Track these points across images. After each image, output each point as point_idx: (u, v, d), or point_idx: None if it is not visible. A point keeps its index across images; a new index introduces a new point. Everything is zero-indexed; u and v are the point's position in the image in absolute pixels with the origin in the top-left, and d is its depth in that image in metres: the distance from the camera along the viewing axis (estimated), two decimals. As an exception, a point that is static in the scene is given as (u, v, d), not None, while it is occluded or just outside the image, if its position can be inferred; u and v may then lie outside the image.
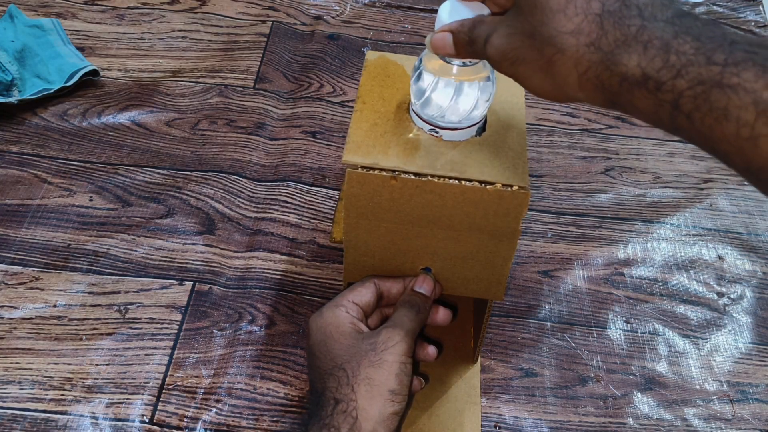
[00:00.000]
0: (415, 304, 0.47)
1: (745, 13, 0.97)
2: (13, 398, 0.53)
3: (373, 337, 0.45)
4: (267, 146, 0.74)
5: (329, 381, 0.44)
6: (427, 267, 0.48)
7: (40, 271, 0.61)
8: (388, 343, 0.44)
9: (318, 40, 0.86)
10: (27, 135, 0.73)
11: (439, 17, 0.39)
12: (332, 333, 0.45)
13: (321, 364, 0.45)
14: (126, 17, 0.87)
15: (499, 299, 0.49)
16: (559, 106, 0.81)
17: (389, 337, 0.44)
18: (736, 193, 0.73)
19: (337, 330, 0.45)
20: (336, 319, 0.46)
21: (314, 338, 0.46)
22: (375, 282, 0.48)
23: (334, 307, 0.47)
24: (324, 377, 0.44)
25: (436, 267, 0.48)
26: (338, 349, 0.45)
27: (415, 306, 0.47)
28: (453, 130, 0.43)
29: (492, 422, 0.55)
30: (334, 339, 0.45)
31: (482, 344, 0.56)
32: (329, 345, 0.45)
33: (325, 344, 0.45)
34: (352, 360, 0.44)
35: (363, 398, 0.42)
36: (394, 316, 0.46)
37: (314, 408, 0.44)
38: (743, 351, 0.61)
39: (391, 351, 0.44)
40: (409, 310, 0.47)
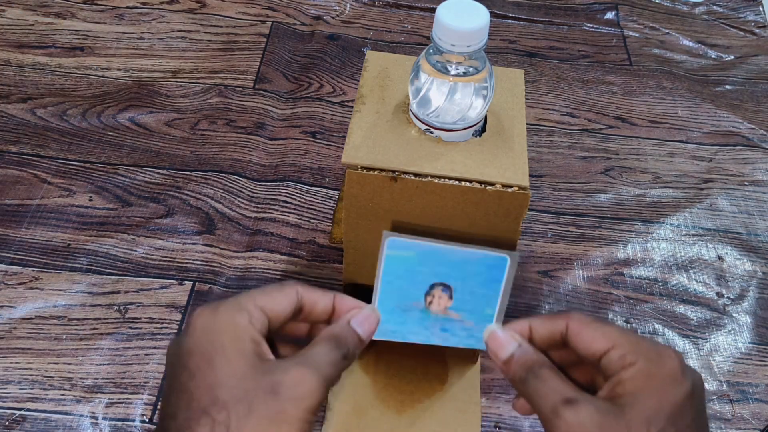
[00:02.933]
0: (345, 344, 0.35)
1: (745, 13, 0.97)
2: (12, 398, 0.53)
3: (277, 373, 0.32)
4: (267, 146, 0.74)
5: (196, 423, 0.30)
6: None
7: (40, 271, 0.61)
8: (297, 390, 0.32)
9: (318, 40, 0.86)
10: (26, 135, 0.73)
11: (437, 18, 0.39)
12: (224, 346, 0.32)
13: (194, 390, 0.31)
14: (125, 17, 0.87)
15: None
16: (559, 106, 0.81)
17: (300, 381, 0.32)
18: (736, 194, 0.73)
19: (232, 344, 0.32)
20: (234, 327, 0.33)
21: (195, 346, 0.33)
22: (298, 290, 0.37)
23: (235, 309, 0.34)
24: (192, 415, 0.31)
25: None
26: (225, 375, 0.31)
27: (344, 347, 0.35)
28: (448, 131, 0.43)
29: (492, 422, 0.55)
30: (225, 357, 0.32)
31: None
32: (215, 363, 0.32)
33: (209, 360, 0.32)
34: (242, 401, 0.31)
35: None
36: (313, 352, 0.34)
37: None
38: (743, 351, 0.61)
39: (297, 402, 0.31)
40: (334, 349, 0.35)
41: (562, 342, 0.37)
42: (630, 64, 0.88)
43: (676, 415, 0.33)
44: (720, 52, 0.90)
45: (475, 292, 0.38)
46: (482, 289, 0.38)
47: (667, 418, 0.32)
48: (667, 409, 0.33)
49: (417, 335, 0.40)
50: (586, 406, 0.33)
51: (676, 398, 0.33)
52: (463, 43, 0.40)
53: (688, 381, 0.34)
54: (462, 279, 0.38)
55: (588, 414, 0.32)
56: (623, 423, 0.32)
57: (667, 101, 0.83)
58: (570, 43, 0.90)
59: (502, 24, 0.92)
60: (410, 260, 0.38)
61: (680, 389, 0.33)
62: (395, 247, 0.38)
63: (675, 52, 0.90)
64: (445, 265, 0.38)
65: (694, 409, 0.34)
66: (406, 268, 0.38)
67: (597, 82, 0.85)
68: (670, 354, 0.34)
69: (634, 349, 0.34)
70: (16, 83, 0.78)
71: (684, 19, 0.95)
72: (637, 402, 0.33)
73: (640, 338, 0.36)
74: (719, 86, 0.86)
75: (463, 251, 0.38)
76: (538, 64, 0.87)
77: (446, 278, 0.38)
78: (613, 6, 0.95)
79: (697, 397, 0.34)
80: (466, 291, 0.38)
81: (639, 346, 0.35)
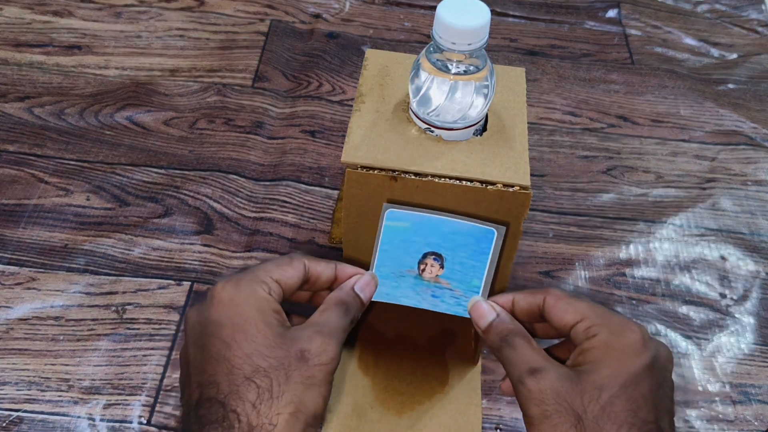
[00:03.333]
0: (352, 308, 0.39)
1: (747, 12, 0.96)
2: (9, 399, 0.53)
3: (302, 341, 0.35)
4: (266, 145, 0.73)
5: (244, 390, 0.33)
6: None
7: (37, 272, 0.61)
8: (323, 357, 0.35)
9: (317, 39, 0.86)
10: (24, 134, 0.72)
11: (438, 16, 0.39)
12: (253, 318, 0.35)
13: (232, 359, 0.34)
14: (123, 15, 0.86)
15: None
16: (560, 105, 0.81)
17: (324, 348, 0.35)
18: (739, 193, 0.73)
19: (259, 316, 0.35)
20: (257, 300, 0.36)
21: (225, 317, 0.35)
22: (305, 262, 0.40)
23: (255, 282, 0.37)
24: (236, 381, 0.34)
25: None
26: (260, 345, 0.34)
27: (351, 311, 0.39)
28: (449, 130, 0.43)
29: (493, 424, 0.54)
30: (256, 328, 0.35)
31: (483, 345, 0.55)
32: (249, 334, 0.35)
33: (242, 331, 0.35)
34: (279, 369, 0.34)
35: (285, 426, 0.33)
36: (327, 318, 0.38)
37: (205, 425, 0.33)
38: (746, 352, 0.60)
39: (324, 368, 0.35)
40: (344, 315, 0.38)
41: (540, 315, 0.40)
42: (632, 62, 0.87)
43: (630, 384, 0.35)
44: (723, 51, 0.90)
45: (464, 263, 0.41)
46: (471, 261, 0.41)
47: (620, 385, 0.35)
48: (623, 378, 0.35)
49: (409, 299, 0.43)
50: (548, 375, 0.36)
51: (632, 368, 0.35)
52: (464, 41, 0.39)
53: (648, 353, 0.36)
54: (452, 249, 0.41)
55: (548, 382, 0.35)
56: (579, 389, 0.35)
57: (669, 100, 0.83)
58: (571, 42, 0.90)
59: (503, 22, 0.92)
60: (406, 230, 0.41)
61: (638, 360, 0.35)
62: (393, 219, 0.40)
63: (677, 50, 0.90)
64: (437, 236, 0.41)
65: (652, 381, 0.35)
66: (402, 237, 0.41)
67: (599, 81, 0.84)
68: (632, 327, 0.37)
69: (600, 321, 0.37)
70: (13, 82, 0.77)
71: (686, 18, 0.95)
72: (595, 370, 0.35)
73: (608, 312, 0.38)
74: (722, 85, 0.85)
75: (454, 222, 0.41)
76: (539, 63, 0.86)
77: (438, 248, 0.41)
78: (615, 4, 0.95)
79: (657, 369, 0.36)
80: (456, 261, 0.41)
81: (604, 319, 0.37)
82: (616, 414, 0.34)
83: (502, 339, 0.39)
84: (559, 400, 0.35)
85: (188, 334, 0.37)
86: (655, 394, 0.35)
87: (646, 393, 0.35)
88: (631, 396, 0.35)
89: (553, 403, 0.35)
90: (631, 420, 0.34)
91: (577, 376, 0.36)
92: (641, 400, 0.35)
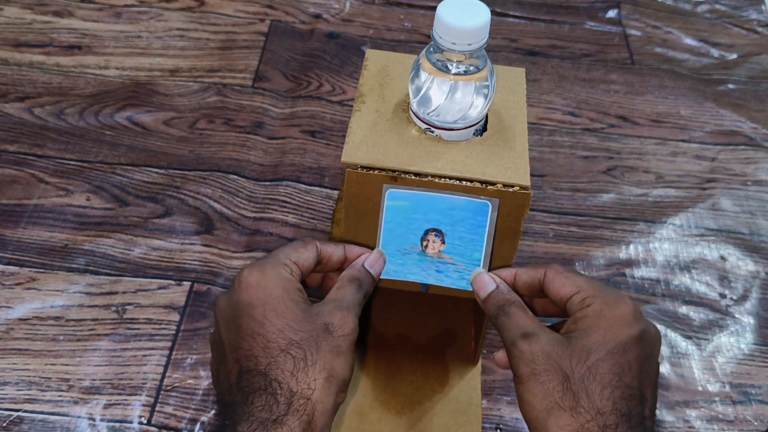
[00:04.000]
0: (364, 284, 0.42)
1: (747, 12, 0.96)
2: (10, 399, 0.53)
3: (324, 316, 0.39)
4: (266, 145, 0.73)
5: (282, 361, 0.37)
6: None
7: (37, 272, 0.61)
8: (344, 329, 0.39)
9: (317, 39, 0.86)
10: (23, 134, 0.72)
11: (438, 16, 0.39)
12: (281, 297, 0.39)
13: (267, 335, 0.38)
14: (123, 15, 0.86)
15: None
16: (561, 105, 0.81)
17: (345, 321, 0.39)
18: (739, 194, 0.73)
19: (286, 295, 0.39)
20: (282, 281, 0.39)
21: (255, 298, 0.39)
22: (317, 245, 0.43)
23: (278, 265, 0.40)
24: (273, 354, 0.37)
25: (436, 268, 0.47)
26: (290, 321, 0.38)
27: (364, 287, 0.42)
28: (449, 130, 0.43)
29: (493, 424, 0.54)
30: (285, 306, 0.38)
31: (483, 345, 0.55)
32: (279, 312, 0.38)
33: (273, 309, 0.38)
34: (310, 341, 0.37)
35: (321, 390, 0.36)
36: (343, 294, 0.41)
37: (249, 394, 0.36)
38: (746, 352, 0.60)
39: (347, 338, 0.39)
40: (358, 290, 0.41)
41: (540, 289, 0.42)
42: (632, 62, 0.87)
43: (617, 351, 0.37)
44: (723, 51, 0.90)
45: (464, 237, 0.43)
46: (470, 234, 0.43)
47: (608, 350, 0.37)
48: (610, 345, 0.37)
49: (415, 275, 0.45)
50: (539, 338, 0.38)
51: (620, 338, 0.37)
52: (464, 41, 0.39)
53: (638, 326, 0.38)
54: (451, 225, 0.43)
55: (539, 345, 0.38)
56: (568, 351, 0.37)
57: (669, 100, 0.83)
58: (572, 42, 0.90)
59: (503, 22, 0.92)
60: (406, 209, 0.42)
61: (627, 331, 0.37)
62: (394, 198, 0.42)
63: (677, 50, 0.90)
64: (436, 212, 0.42)
65: (639, 351, 0.37)
66: (403, 216, 0.43)
67: (599, 81, 0.84)
68: (626, 301, 0.39)
69: (594, 293, 0.39)
70: (13, 82, 0.77)
71: (686, 18, 0.95)
72: (585, 336, 0.38)
73: (604, 286, 0.40)
74: (722, 85, 0.85)
75: (451, 198, 0.42)
76: (539, 63, 0.86)
77: (438, 224, 0.43)
78: (615, 4, 0.95)
79: (645, 343, 0.38)
80: (456, 236, 0.43)
81: (599, 291, 0.39)
82: (601, 375, 0.36)
83: (498, 308, 0.41)
84: (548, 360, 0.37)
85: (219, 318, 0.40)
86: (641, 364, 0.37)
87: (632, 361, 0.37)
88: (617, 361, 0.37)
89: (542, 363, 0.37)
90: (615, 383, 0.36)
91: (568, 341, 0.38)
92: (626, 366, 0.37)
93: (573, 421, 0.36)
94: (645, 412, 0.37)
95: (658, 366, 0.40)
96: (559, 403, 0.36)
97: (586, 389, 0.36)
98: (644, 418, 0.36)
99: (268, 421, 0.35)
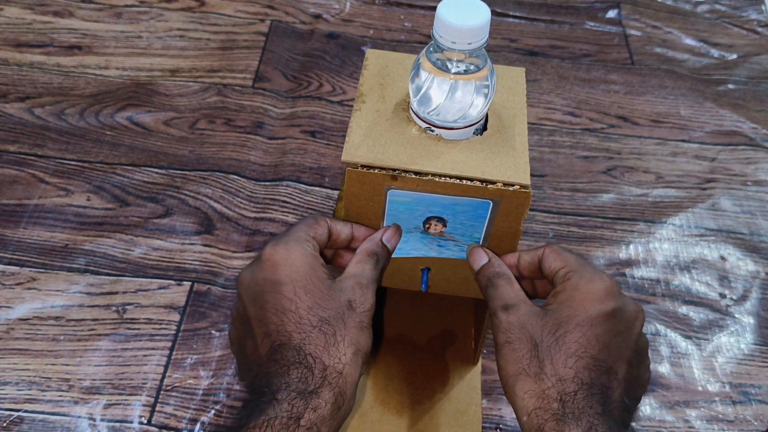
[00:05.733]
0: (381, 258, 0.43)
1: (747, 12, 0.96)
2: (10, 399, 0.53)
3: (347, 292, 0.41)
4: (266, 146, 0.73)
5: (315, 337, 0.38)
6: (427, 267, 0.47)
7: (38, 272, 0.61)
8: (365, 305, 0.40)
9: (317, 39, 0.86)
10: (24, 134, 0.72)
11: (438, 16, 0.39)
12: (308, 275, 0.40)
13: (298, 311, 0.39)
14: (123, 15, 0.86)
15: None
16: (560, 105, 0.81)
17: (365, 298, 0.41)
18: (739, 194, 0.73)
19: (312, 273, 0.40)
20: (308, 258, 0.41)
21: (283, 276, 0.40)
22: (328, 222, 0.44)
23: (300, 242, 0.41)
24: (306, 330, 0.39)
25: (436, 267, 0.47)
26: (317, 299, 0.39)
27: (381, 261, 0.43)
28: (449, 129, 0.43)
29: (493, 424, 0.54)
30: (312, 283, 0.40)
31: (483, 345, 0.55)
32: (308, 290, 0.39)
33: (303, 287, 0.39)
34: (338, 318, 0.39)
35: (350, 363, 0.39)
36: (363, 270, 0.42)
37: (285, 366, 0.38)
38: (746, 352, 0.60)
39: (368, 313, 0.40)
40: (375, 265, 0.43)
41: (539, 268, 0.44)
42: (632, 63, 0.87)
43: (585, 325, 0.39)
44: (722, 51, 0.90)
45: (465, 223, 0.44)
46: (471, 222, 0.44)
47: (576, 324, 0.39)
48: (580, 318, 0.39)
49: (418, 250, 0.46)
50: (518, 310, 0.40)
51: (590, 312, 0.39)
52: (464, 40, 0.39)
53: (610, 303, 0.39)
54: (453, 215, 0.44)
55: (516, 317, 0.40)
56: (541, 323, 0.39)
57: (669, 100, 0.83)
58: (571, 42, 0.90)
59: (503, 22, 0.92)
60: (409, 203, 0.43)
61: (598, 306, 0.39)
62: (395, 195, 0.43)
63: (677, 51, 0.90)
64: (438, 206, 0.43)
65: (610, 327, 0.39)
66: (405, 207, 0.44)
67: (599, 81, 0.84)
68: (602, 278, 0.40)
69: (575, 268, 0.41)
70: (13, 82, 0.77)
71: (686, 18, 0.95)
72: (559, 309, 0.40)
73: (587, 263, 0.42)
74: (722, 85, 0.85)
75: (453, 197, 0.42)
76: (539, 63, 0.86)
77: (440, 214, 0.44)
78: (615, 4, 0.95)
79: (619, 320, 0.39)
80: (457, 222, 0.44)
81: (581, 267, 0.41)
82: (567, 346, 0.38)
83: (488, 279, 0.43)
84: (522, 330, 0.40)
85: (244, 294, 0.41)
86: (611, 339, 0.39)
87: (601, 335, 0.39)
88: (584, 334, 0.38)
89: (516, 332, 0.40)
90: (580, 353, 0.38)
91: (544, 313, 0.40)
92: (593, 339, 0.38)
93: (536, 386, 0.38)
94: (612, 383, 0.38)
95: (638, 344, 0.41)
96: (526, 370, 0.39)
97: (552, 358, 0.38)
98: (608, 389, 0.38)
99: (305, 392, 0.37)
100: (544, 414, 0.37)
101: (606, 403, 0.37)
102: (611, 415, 0.37)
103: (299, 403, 0.36)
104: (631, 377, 0.39)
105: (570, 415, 0.36)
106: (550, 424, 0.37)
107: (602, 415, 0.36)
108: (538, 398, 0.38)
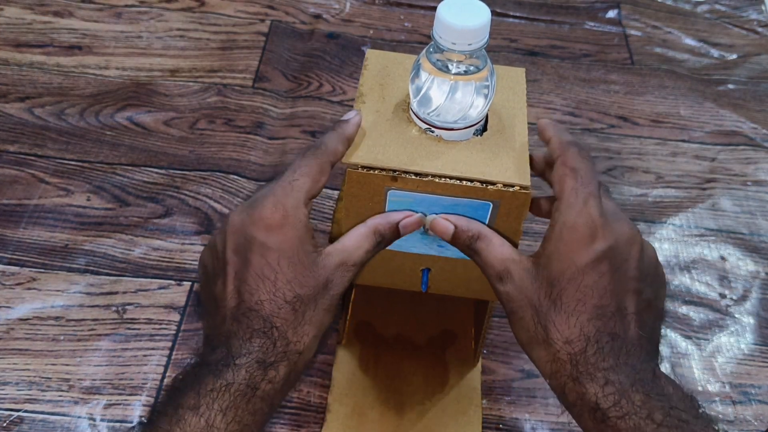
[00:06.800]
0: (385, 240, 0.42)
1: (747, 12, 0.96)
2: (10, 399, 0.53)
3: (328, 269, 0.40)
4: (266, 146, 0.73)
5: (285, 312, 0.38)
6: (427, 267, 0.47)
7: (38, 272, 0.61)
8: (340, 288, 0.40)
9: (317, 39, 0.86)
10: (24, 134, 0.72)
11: (438, 16, 0.39)
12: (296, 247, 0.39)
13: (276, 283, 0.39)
14: (123, 15, 0.86)
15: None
16: (561, 105, 0.81)
17: (343, 280, 0.40)
18: (739, 194, 0.73)
19: (300, 246, 0.39)
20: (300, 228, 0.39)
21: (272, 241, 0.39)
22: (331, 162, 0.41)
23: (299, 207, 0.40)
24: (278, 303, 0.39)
25: (436, 267, 0.47)
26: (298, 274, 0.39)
27: (383, 243, 0.42)
28: (449, 130, 0.43)
29: (493, 424, 0.54)
30: (298, 258, 0.39)
31: (483, 345, 0.55)
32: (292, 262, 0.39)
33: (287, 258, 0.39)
34: (311, 297, 0.39)
35: (310, 344, 0.39)
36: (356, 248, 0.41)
37: (249, 332, 0.38)
38: (746, 352, 0.60)
39: (339, 295, 0.40)
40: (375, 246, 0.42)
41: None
42: (632, 63, 0.87)
43: (576, 277, 0.38)
44: (722, 51, 0.90)
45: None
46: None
47: (568, 279, 0.38)
48: (570, 272, 0.38)
49: (418, 248, 0.46)
50: (512, 279, 0.40)
51: (579, 262, 0.38)
52: (464, 41, 0.39)
53: (598, 244, 0.38)
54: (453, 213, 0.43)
55: (511, 285, 0.40)
56: (536, 285, 0.39)
57: (669, 100, 0.83)
58: (571, 42, 0.90)
59: (503, 23, 0.92)
60: (410, 203, 0.43)
61: (585, 254, 0.38)
62: (395, 196, 0.42)
63: (677, 51, 0.90)
64: (438, 207, 0.43)
65: (604, 269, 0.38)
66: (405, 208, 0.43)
67: (599, 81, 0.84)
68: (587, 207, 0.38)
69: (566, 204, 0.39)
70: (13, 82, 0.77)
71: (686, 18, 0.95)
72: (548, 264, 0.39)
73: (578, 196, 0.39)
74: (722, 85, 0.85)
75: (453, 198, 0.42)
76: (539, 63, 0.86)
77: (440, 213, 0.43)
78: (615, 4, 0.95)
79: (613, 257, 0.38)
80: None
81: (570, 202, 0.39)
82: (565, 305, 0.38)
83: (467, 246, 0.42)
84: (521, 296, 0.39)
85: (229, 239, 0.40)
86: (609, 281, 0.38)
87: (596, 281, 0.38)
88: (578, 287, 0.38)
89: (517, 300, 0.40)
90: (580, 308, 0.38)
91: (536, 272, 0.39)
92: (590, 290, 0.38)
93: (546, 353, 0.38)
94: (623, 325, 0.38)
95: (641, 268, 0.39)
96: (535, 337, 0.39)
97: (554, 321, 0.38)
98: (616, 336, 0.37)
99: (264, 363, 0.38)
100: (560, 377, 0.38)
101: (618, 351, 0.37)
102: (627, 360, 0.37)
103: (257, 372, 0.37)
104: (643, 306, 0.39)
105: (584, 373, 0.37)
106: (569, 385, 0.38)
107: (614, 367, 0.37)
108: (552, 363, 0.38)
